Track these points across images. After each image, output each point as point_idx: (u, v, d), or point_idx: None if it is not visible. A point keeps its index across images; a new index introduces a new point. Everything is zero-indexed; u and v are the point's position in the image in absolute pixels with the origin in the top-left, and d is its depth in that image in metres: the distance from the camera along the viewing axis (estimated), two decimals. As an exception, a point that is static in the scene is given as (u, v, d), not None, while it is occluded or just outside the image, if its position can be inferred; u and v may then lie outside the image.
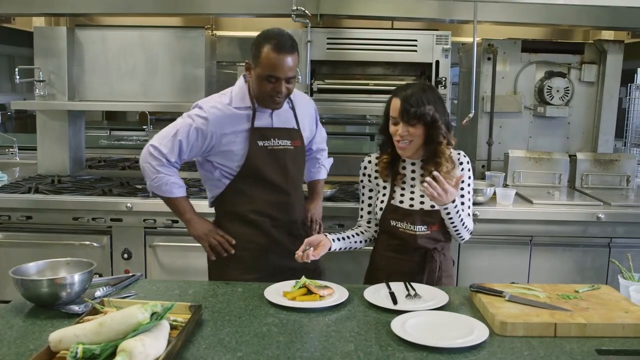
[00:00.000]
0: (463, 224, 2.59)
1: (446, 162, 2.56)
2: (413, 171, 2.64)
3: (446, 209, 2.49)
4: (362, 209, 2.79)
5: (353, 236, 2.71)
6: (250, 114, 2.67)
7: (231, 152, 2.65)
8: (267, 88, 2.57)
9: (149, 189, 2.75)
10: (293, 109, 2.79)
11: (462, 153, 2.68)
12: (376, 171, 2.70)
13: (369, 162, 2.74)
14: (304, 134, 2.83)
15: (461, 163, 2.65)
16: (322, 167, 3.11)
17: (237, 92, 2.70)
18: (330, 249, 2.57)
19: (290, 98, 2.76)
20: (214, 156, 2.69)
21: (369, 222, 2.77)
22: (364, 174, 2.75)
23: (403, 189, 2.63)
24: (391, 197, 2.63)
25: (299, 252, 2.45)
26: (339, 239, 2.64)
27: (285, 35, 2.56)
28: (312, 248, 2.47)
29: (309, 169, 3.07)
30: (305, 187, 3.07)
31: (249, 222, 2.73)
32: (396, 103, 2.51)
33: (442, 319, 2.07)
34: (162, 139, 2.66)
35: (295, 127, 2.79)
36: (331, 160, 3.17)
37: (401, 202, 2.61)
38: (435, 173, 2.39)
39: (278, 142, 2.71)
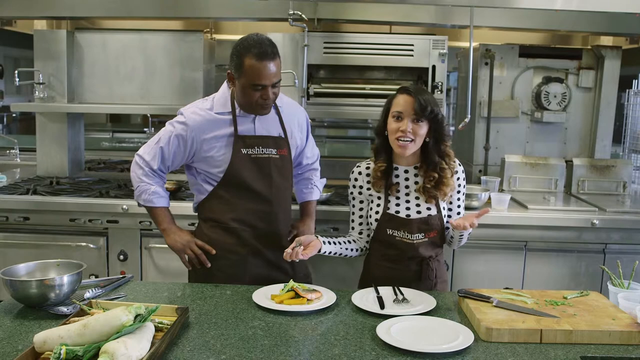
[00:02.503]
0: (467, 238, 2.65)
1: (452, 164, 2.59)
2: (407, 179, 2.62)
3: (461, 233, 2.56)
4: (352, 220, 2.75)
5: (345, 242, 2.69)
6: (231, 119, 2.67)
7: (212, 157, 2.65)
8: (255, 97, 2.57)
9: (134, 198, 2.77)
10: (279, 115, 2.77)
11: (457, 162, 2.67)
12: (368, 182, 2.65)
13: (359, 173, 2.69)
14: (292, 142, 2.80)
15: (456, 172, 2.64)
16: (315, 187, 3.07)
17: (219, 97, 2.71)
18: (320, 250, 2.55)
19: (277, 105, 2.75)
20: (197, 162, 2.70)
21: (360, 233, 2.74)
22: (354, 186, 2.70)
23: (398, 198, 2.61)
24: (386, 207, 2.60)
25: (288, 250, 2.42)
26: (330, 243, 2.61)
27: (264, 41, 2.55)
28: (302, 247, 2.45)
29: (301, 189, 3.05)
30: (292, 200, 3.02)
31: (230, 230, 2.71)
32: (406, 99, 2.47)
33: (428, 324, 2.07)
34: (146, 148, 2.72)
35: (282, 135, 2.76)
36: (324, 180, 3.14)
37: (397, 212, 2.59)
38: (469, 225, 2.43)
39: (262, 151, 2.69)
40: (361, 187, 2.68)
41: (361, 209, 2.71)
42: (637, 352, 1.93)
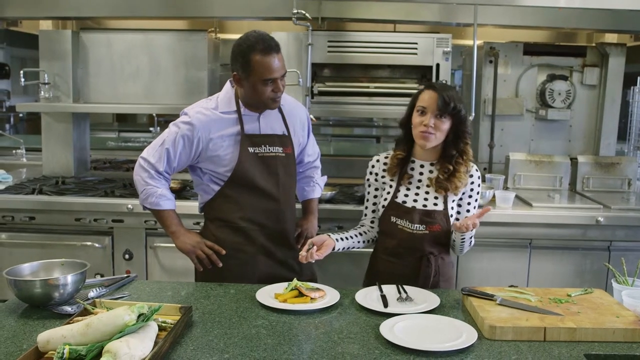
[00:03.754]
0: (470, 244, 2.63)
1: (468, 162, 2.60)
2: (421, 173, 2.63)
3: (463, 236, 2.55)
4: (366, 207, 2.78)
5: (356, 236, 2.71)
6: (236, 118, 2.67)
7: (218, 157, 2.64)
8: (267, 92, 2.57)
9: (139, 202, 2.74)
10: (282, 114, 2.77)
11: (475, 167, 2.66)
12: (384, 170, 2.69)
13: (377, 160, 2.73)
14: (295, 140, 2.81)
15: (471, 175, 2.63)
16: (317, 185, 3.07)
17: (224, 96, 2.70)
18: (334, 248, 2.57)
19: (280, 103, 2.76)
20: (202, 162, 2.68)
21: (372, 222, 2.76)
22: (370, 173, 2.74)
23: (408, 189, 2.63)
24: (395, 195, 2.62)
25: (302, 252, 2.44)
26: (342, 239, 2.63)
27: (265, 36, 2.57)
28: (315, 247, 2.46)
29: (303, 187, 3.04)
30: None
31: (239, 229, 2.71)
32: (431, 94, 2.50)
33: (431, 323, 2.07)
34: (150, 150, 2.69)
35: (286, 133, 2.77)
36: (325, 178, 3.14)
37: (404, 201, 2.61)
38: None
39: (269, 149, 2.69)
40: (377, 174, 2.72)
41: (375, 197, 2.74)
42: (641, 349, 1.92)
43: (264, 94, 2.58)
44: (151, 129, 6.26)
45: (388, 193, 2.66)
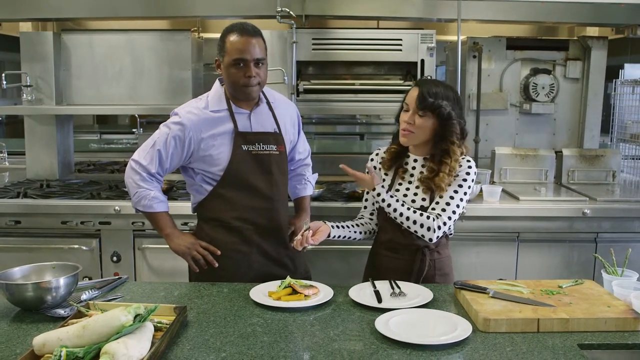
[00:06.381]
0: (408, 219, 2.51)
1: (454, 163, 2.53)
2: (414, 167, 2.63)
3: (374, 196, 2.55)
4: (366, 200, 2.78)
5: (352, 226, 2.70)
6: (227, 116, 2.65)
7: (210, 156, 2.63)
8: (239, 75, 2.56)
9: (132, 205, 2.72)
10: (272, 111, 2.76)
11: (472, 161, 2.61)
12: (380, 163, 2.70)
13: (377, 154, 2.74)
14: (286, 137, 2.79)
15: (460, 166, 2.56)
16: (308, 183, 3.05)
17: (213, 95, 2.69)
18: (329, 235, 2.57)
19: (270, 101, 2.75)
20: (194, 162, 2.66)
21: (371, 214, 2.76)
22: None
23: (400, 183, 2.63)
24: (389, 189, 2.62)
25: (297, 237, 2.44)
26: (338, 227, 2.63)
27: (247, 23, 2.59)
28: (310, 232, 2.45)
29: (295, 185, 3.02)
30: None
31: (232, 229, 2.69)
32: (415, 91, 2.51)
33: (425, 317, 2.08)
34: (141, 152, 2.66)
35: (277, 130, 2.75)
36: (316, 175, 3.12)
37: (394, 195, 2.60)
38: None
39: (263, 147, 2.67)
40: (375, 167, 2.72)
41: None
42: (632, 338, 1.95)
43: (235, 77, 2.58)
44: (134, 130, 6.20)
45: (383, 187, 2.65)
